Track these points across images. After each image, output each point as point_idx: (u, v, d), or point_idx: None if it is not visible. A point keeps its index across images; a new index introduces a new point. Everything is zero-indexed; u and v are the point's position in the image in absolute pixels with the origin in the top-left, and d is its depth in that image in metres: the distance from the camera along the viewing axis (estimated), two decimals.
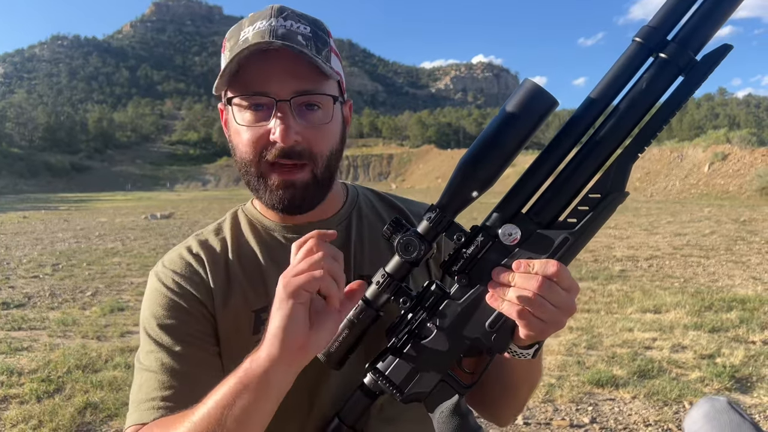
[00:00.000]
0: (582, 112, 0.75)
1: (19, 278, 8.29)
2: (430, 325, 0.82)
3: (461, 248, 0.79)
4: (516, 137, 0.73)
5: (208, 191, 69.90)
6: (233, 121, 0.93)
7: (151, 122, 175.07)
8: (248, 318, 0.98)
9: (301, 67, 0.88)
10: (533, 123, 0.73)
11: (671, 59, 0.71)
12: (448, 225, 0.78)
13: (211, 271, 0.99)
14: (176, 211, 23.28)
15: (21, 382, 4.14)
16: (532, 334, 0.75)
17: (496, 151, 0.74)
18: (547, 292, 0.72)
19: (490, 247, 0.77)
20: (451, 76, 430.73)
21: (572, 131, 0.75)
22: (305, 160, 0.91)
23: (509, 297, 0.73)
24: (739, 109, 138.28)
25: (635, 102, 0.72)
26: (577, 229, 0.74)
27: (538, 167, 0.76)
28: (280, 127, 0.87)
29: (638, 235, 12.14)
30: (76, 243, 12.52)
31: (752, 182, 23.26)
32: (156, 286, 0.99)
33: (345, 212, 1.07)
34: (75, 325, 5.72)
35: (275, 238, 1.03)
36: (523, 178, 0.77)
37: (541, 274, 0.72)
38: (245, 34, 0.90)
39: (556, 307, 0.72)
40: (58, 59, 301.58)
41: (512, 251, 0.76)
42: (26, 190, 61.20)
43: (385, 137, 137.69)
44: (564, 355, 4.61)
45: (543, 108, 0.73)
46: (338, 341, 0.83)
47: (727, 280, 7.44)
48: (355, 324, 0.81)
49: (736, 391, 3.86)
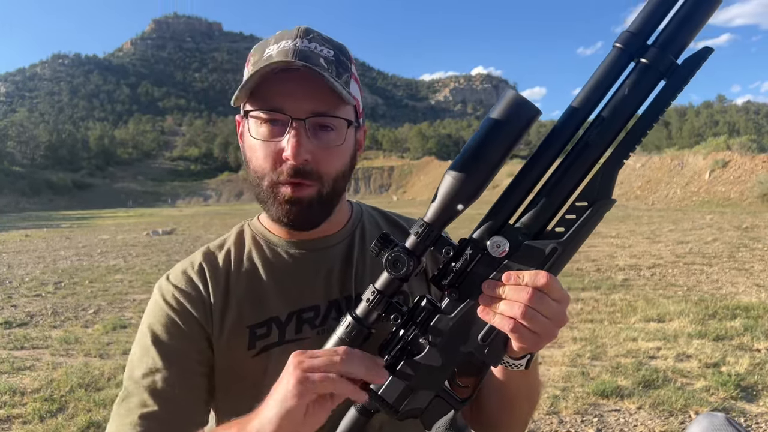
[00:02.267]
0: (565, 121, 0.74)
1: (22, 297, 8.29)
2: (422, 341, 0.81)
3: (450, 262, 0.78)
4: (499, 149, 0.73)
5: (210, 206, 69.96)
6: (248, 134, 0.94)
7: (152, 139, 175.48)
8: (243, 334, 0.98)
9: (319, 89, 0.90)
10: (516, 134, 0.72)
11: (652, 64, 0.70)
12: (435, 239, 0.78)
13: (212, 286, 1.01)
14: (178, 227, 23.29)
15: (24, 401, 4.13)
16: (524, 346, 0.75)
17: (480, 163, 0.74)
18: (538, 304, 0.71)
19: (479, 259, 0.76)
20: (450, 88, 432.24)
21: (556, 140, 0.74)
22: (313, 180, 0.92)
23: (500, 310, 0.73)
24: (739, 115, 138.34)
25: (618, 108, 0.72)
26: (565, 238, 0.73)
27: (524, 177, 0.76)
28: (293, 144, 0.89)
29: (640, 244, 12.11)
30: (78, 260, 12.52)
31: (753, 189, 23.25)
32: (157, 299, 1.02)
33: (349, 229, 1.08)
34: (77, 343, 5.71)
35: (278, 253, 1.04)
36: (509, 188, 0.77)
37: (531, 285, 0.71)
38: (270, 51, 0.92)
39: (548, 319, 0.72)
40: (60, 77, 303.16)
41: (501, 263, 0.75)
42: (28, 208, 61.27)
43: (386, 149, 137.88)
44: (568, 366, 4.59)
45: (525, 118, 0.72)
46: None
47: (731, 287, 7.42)
48: (346, 342, 0.81)
49: (742, 400, 3.83)
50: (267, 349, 0.98)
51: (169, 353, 0.96)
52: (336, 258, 1.04)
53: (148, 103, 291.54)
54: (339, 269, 1.04)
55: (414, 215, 0.90)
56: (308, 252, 1.04)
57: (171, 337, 0.97)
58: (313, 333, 1.00)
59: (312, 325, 1.00)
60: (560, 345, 5.12)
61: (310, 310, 1.00)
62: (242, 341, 0.98)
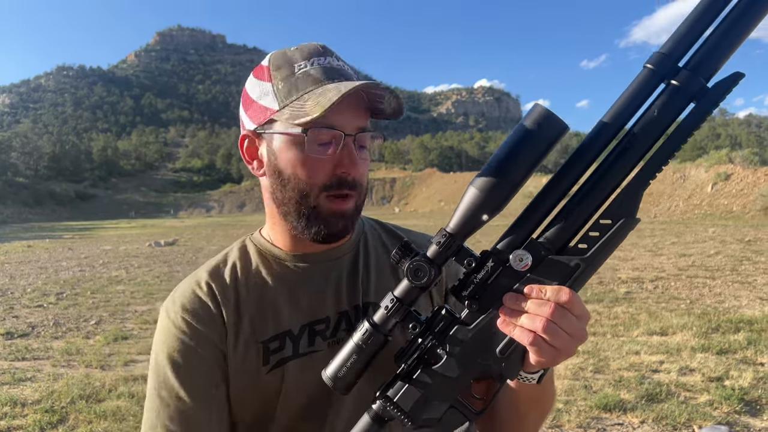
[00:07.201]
0: (594, 137, 0.75)
1: (24, 308, 8.29)
2: (440, 351, 0.81)
3: (471, 273, 0.78)
4: (526, 162, 0.74)
5: (212, 217, 69.97)
6: (294, 149, 0.93)
7: (155, 150, 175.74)
8: (257, 350, 0.98)
9: (359, 105, 0.94)
10: (544, 148, 0.73)
11: (683, 86, 0.71)
12: (458, 249, 0.78)
13: (223, 303, 0.99)
14: (180, 238, 23.32)
15: (24, 413, 4.12)
16: (542, 360, 0.75)
17: (507, 176, 0.74)
18: (560, 319, 0.71)
19: (501, 272, 0.77)
20: (453, 101, 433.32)
21: (583, 156, 0.75)
22: (355, 191, 0.96)
23: (521, 323, 0.73)
24: (741, 128, 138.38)
25: (647, 129, 0.72)
26: (588, 255, 0.74)
27: (549, 192, 0.76)
28: (350, 159, 0.93)
29: (643, 257, 12.09)
30: (81, 271, 12.53)
31: (756, 202, 23.23)
32: (167, 325, 0.99)
33: (353, 241, 1.09)
34: (79, 354, 5.70)
35: (287, 267, 1.03)
36: (534, 202, 0.77)
37: (553, 300, 0.72)
38: (303, 67, 0.93)
39: (568, 335, 0.72)
40: (64, 89, 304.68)
41: (523, 277, 0.75)
42: (31, 219, 61.35)
43: (388, 161, 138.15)
44: (571, 379, 4.56)
45: (554, 133, 0.73)
46: (346, 366, 0.82)
47: (734, 300, 7.39)
48: (363, 349, 0.81)
49: (746, 414, 3.81)
50: (281, 364, 0.97)
51: (190, 383, 0.95)
52: (343, 269, 1.05)
53: (152, 115, 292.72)
54: (346, 280, 1.04)
55: (416, 227, 0.91)
56: (316, 264, 1.03)
57: (188, 366, 0.96)
58: (324, 345, 0.99)
59: (323, 336, 1.00)
60: None
61: (321, 322, 1.00)
62: (256, 357, 0.97)
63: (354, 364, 0.82)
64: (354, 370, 0.82)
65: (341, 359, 0.83)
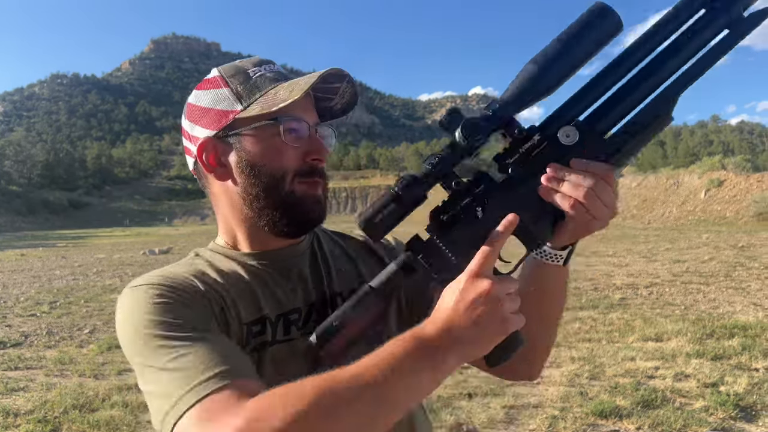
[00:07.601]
0: (642, 42, 0.81)
1: (16, 317, 8.24)
2: (478, 209, 0.84)
3: (520, 142, 0.83)
4: (587, 48, 0.80)
5: (207, 225, 69.78)
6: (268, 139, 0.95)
7: (150, 158, 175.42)
8: (240, 330, 0.94)
9: (311, 100, 1.01)
10: (603, 37, 0.80)
11: (722, 9, 0.78)
12: (509, 119, 0.82)
13: (204, 284, 0.93)
14: (174, 246, 23.23)
15: (17, 423, 4.09)
16: (577, 227, 0.83)
17: (567, 55, 0.80)
18: (601, 191, 0.79)
19: (547, 145, 0.82)
20: (447, 108, 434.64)
21: (632, 55, 0.82)
22: (322, 179, 1.00)
23: (564, 189, 0.80)
24: (733, 135, 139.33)
25: (688, 42, 0.80)
26: (628, 141, 0.80)
27: (599, 80, 0.82)
28: (321, 147, 0.98)
29: (637, 263, 12.13)
30: (74, 280, 12.47)
31: (749, 208, 23.37)
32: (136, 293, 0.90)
33: (308, 239, 1.10)
34: (72, 363, 5.67)
35: (254, 264, 1.01)
36: (584, 87, 0.83)
37: (597, 172, 0.79)
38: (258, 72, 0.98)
39: (605, 206, 0.79)
40: (58, 97, 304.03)
41: (568, 152, 0.81)
42: (24, 227, 61.08)
43: (383, 169, 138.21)
44: (566, 386, 4.56)
45: (612, 28, 0.79)
46: (383, 213, 0.82)
47: (728, 306, 7.42)
48: (400, 197, 0.82)
49: (741, 420, 3.81)
50: (261, 348, 0.95)
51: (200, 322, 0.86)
52: (305, 264, 1.06)
53: (146, 123, 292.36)
54: (311, 273, 1.05)
55: (409, 233, 0.90)
56: (282, 261, 1.04)
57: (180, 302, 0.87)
58: (298, 334, 0.99)
59: (297, 326, 1.00)
60: (558, 365, 5.10)
61: (294, 312, 1.00)
62: (239, 338, 0.94)
63: (391, 213, 0.83)
64: (390, 218, 0.83)
65: (379, 205, 0.83)
